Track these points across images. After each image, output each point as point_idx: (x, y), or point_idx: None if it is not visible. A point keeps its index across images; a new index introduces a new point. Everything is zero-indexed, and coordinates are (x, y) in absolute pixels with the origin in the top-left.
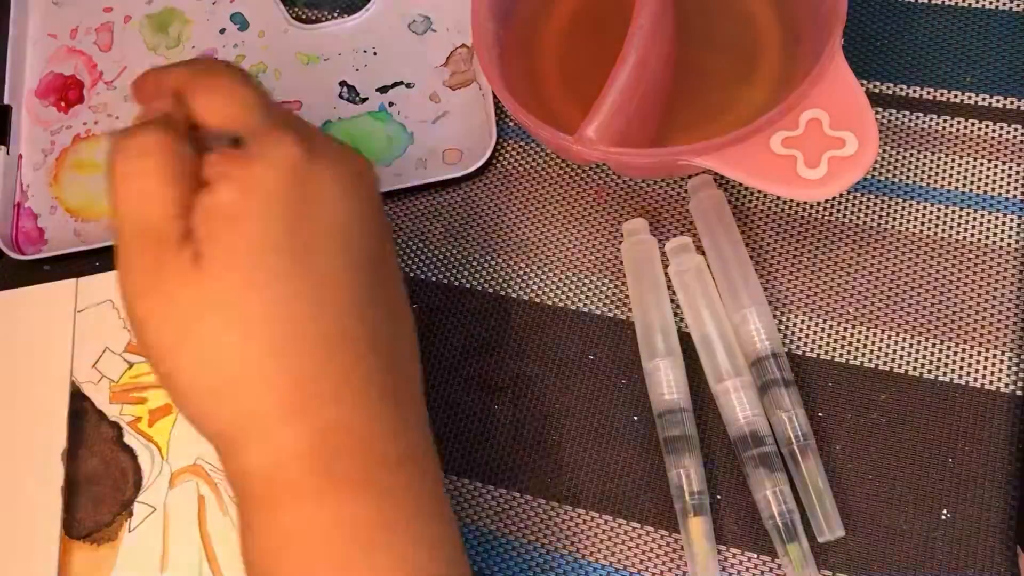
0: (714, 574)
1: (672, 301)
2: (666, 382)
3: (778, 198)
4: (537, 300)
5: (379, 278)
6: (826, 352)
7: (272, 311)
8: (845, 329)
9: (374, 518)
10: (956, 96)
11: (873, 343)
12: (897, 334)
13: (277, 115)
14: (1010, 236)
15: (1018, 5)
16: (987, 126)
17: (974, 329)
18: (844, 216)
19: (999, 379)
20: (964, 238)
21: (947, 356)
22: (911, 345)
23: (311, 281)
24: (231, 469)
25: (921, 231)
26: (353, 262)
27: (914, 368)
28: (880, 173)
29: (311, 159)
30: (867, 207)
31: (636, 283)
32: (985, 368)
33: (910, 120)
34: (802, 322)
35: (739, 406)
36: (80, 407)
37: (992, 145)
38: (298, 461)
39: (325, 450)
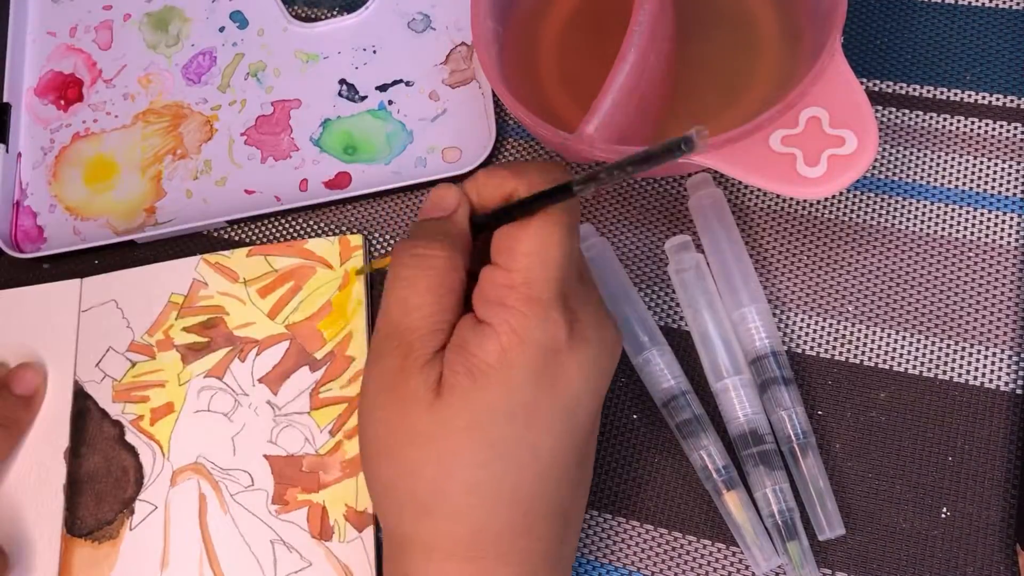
0: (765, 541)
1: (671, 300)
2: (660, 371)
3: (777, 196)
4: None
5: (583, 454)
6: (826, 350)
7: (482, 464)
8: (845, 327)
9: None
10: (956, 94)
11: (873, 341)
12: (897, 332)
13: (567, 282)
14: (1010, 235)
15: (1018, 3)
16: (987, 124)
17: (974, 328)
18: (844, 214)
19: (999, 378)
20: (964, 236)
21: (947, 354)
22: (911, 343)
23: (527, 449)
24: (391, 558)
25: (921, 229)
26: (569, 441)
27: (914, 367)
28: (879, 171)
29: (574, 343)
30: (867, 205)
31: (600, 285)
32: (985, 367)
33: (910, 118)
34: (802, 320)
35: (739, 404)
36: (83, 406)
37: (992, 143)
38: None
39: None
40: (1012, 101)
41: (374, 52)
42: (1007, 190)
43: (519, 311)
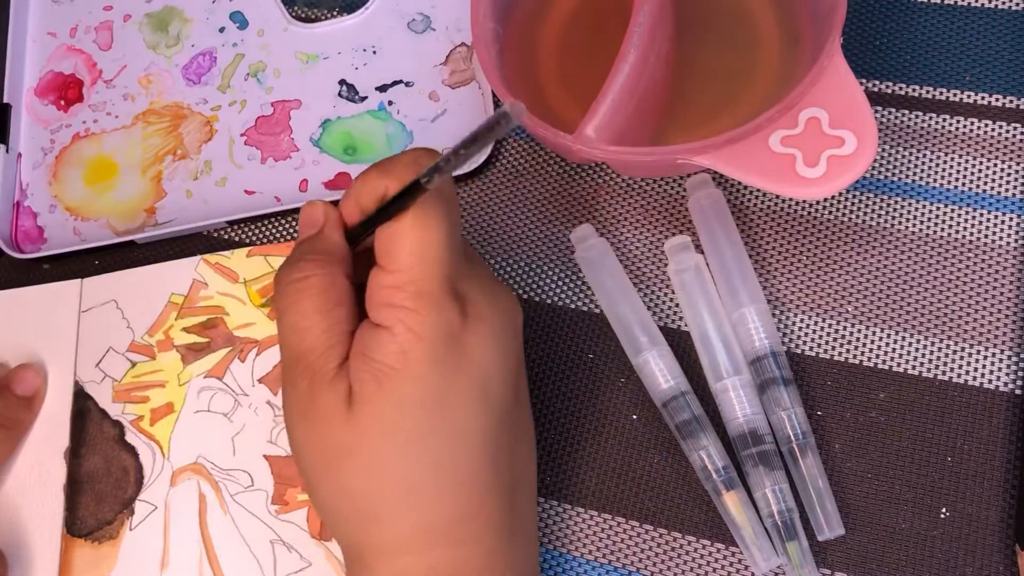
0: (764, 542)
1: (671, 300)
2: (659, 371)
3: (777, 197)
4: (536, 299)
5: (512, 423)
6: (825, 351)
7: (413, 465)
8: (844, 328)
9: None
10: (955, 95)
11: (872, 342)
12: (896, 332)
13: (453, 269)
14: (1010, 235)
15: (1017, 4)
16: (987, 125)
17: (973, 328)
18: (843, 215)
19: (998, 378)
20: (963, 237)
21: (946, 355)
22: (910, 344)
23: (450, 435)
24: (352, 571)
25: (920, 230)
26: (492, 414)
27: (913, 367)
28: (879, 172)
29: (469, 321)
30: (866, 206)
31: (599, 286)
32: (984, 367)
33: (909, 119)
34: (801, 320)
35: (738, 405)
36: (83, 406)
37: (992, 144)
38: None
39: (441, 574)
40: (1012, 101)
41: (374, 52)
42: (1007, 190)
43: (410, 309)
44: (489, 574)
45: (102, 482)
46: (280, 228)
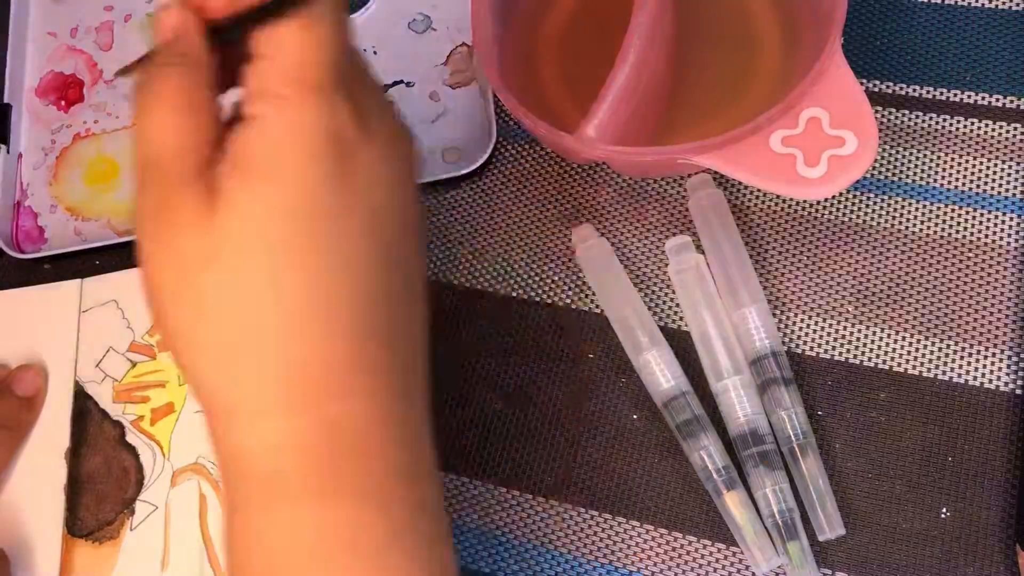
0: (765, 542)
1: (671, 300)
2: (660, 371)
3: (777, 197)
4: (536, 299)
5: (406, 271)
6: (826, 351)
7: (284, 281)
8: (845, 328)
9: (377, 530)
10: (956, 95)
11: (873, 342)
12: (897, 333)
13: (345, 72)
14: (1010, 235)
15: (1018, 4)
16: (987, 125)
17: (974, 328)
18: (843, 215)
19: (998, 378)
20: (964, 237)
21: (947, 355)
22: (911, 344)
23: (333, 260)
24: (221, 447)
25: (921, 230)
26: (382, 251)
27: (913, 367)
28: (879, 172)
29: (364, 135)
30: (866, 206)
31: (600, 286)
32: (985, 367)
33: (909, 119)
34: (802, 321)
35: (739, 405)
36: (83, 406)
37: (992, 144)
38: (298, 455)
39: (331, 449)
40: (1012, 101)
41: (374, 52)
42: (1007, 190)
43: (287, 96)
44: (391, 447)
45: (103, 482)
46: None
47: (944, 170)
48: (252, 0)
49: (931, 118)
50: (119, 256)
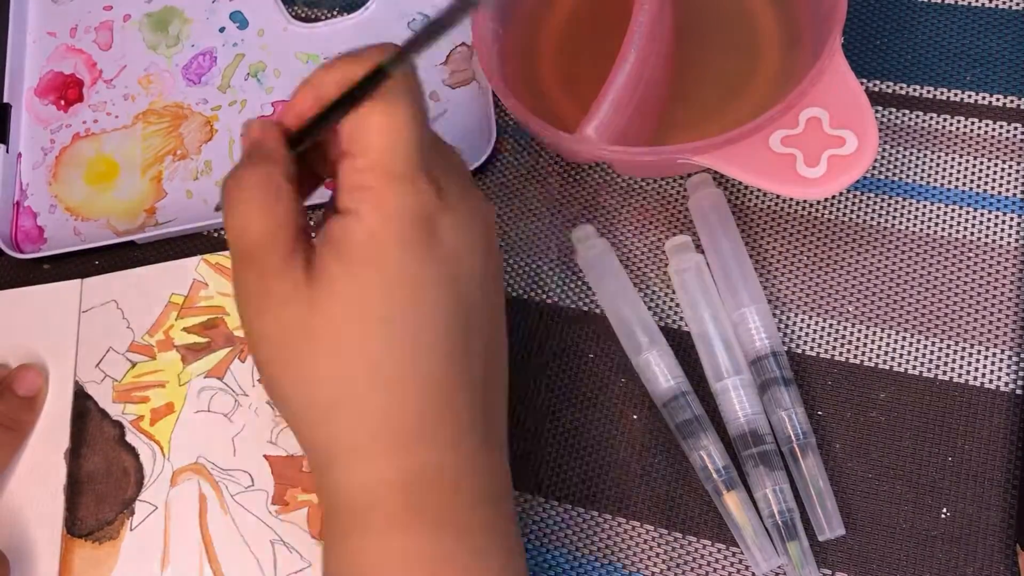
0: (765, 542)
1: (671, 300)
2: (660, 371)
3: (777, 196)
4: (536, 299)
5: (487, 326)
6: (826, 351)
7: (378, 347)
8: (845, 328)
9: (457, 555)
10: (956, 95)
11: (873, 341)
12: (897, 332)
13: (425, 153)
14: (1010, 235)
15: (1017, 4)
16: (987, 125)
17: (974, 328)
18: (844, 215)
19: (999, 378)
20: (964, 237)
21: (947, 355)
22: (911, 344)
23: (421, 327)
24: (322, 483)
25: (921, 230)
26: (465, 313)
27: (914, 367)
28: (880, 172)
29: (446, 209)
30: (867, 206)
31: (600, 286)
32: (985, 367)
33: (910, 119)
34: (802, 320)
35: (739, 405)
36: (83, 406)
37: (992, 144)
38: (388, 491)
39: (417, 487)
40: (1012, 101)
41: None
42: (1007, 190)
43: (380, 190)
44: (468, 482)
45: (102, 482)
46: None
47: (944, 170)
48: (336, 92)
49: (931, 118)
50: (118, 256)
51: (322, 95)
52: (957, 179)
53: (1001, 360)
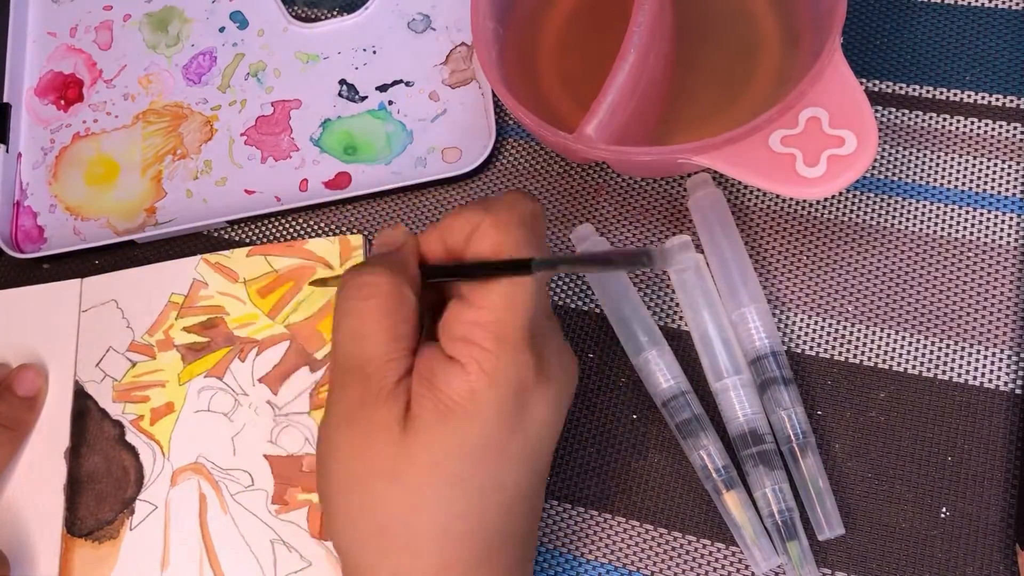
0: (765, 541)
1: (671, 300)
2: (660, 371)
3: (777, 196)
4: None
5: (543, 481)
6: (825, 350)
7: (450, 501)
8: (844, 327)
9: None
10: (956, 94)
11: (873, 341)
12: (897, 332)
13: (535, 327)
14: (1010, 235)
15: (1017, 4)
16: (987, 124)
17: (974, 327)
18: (843, 214)
19: (998, 377)
20: (964, 236)
21: (947, 354)
22: (911, 343)
23: (493, 486)
24: None
25: (920, 229)
26: (533, 476)
27: (913, 366)
28: (879, 171)
29: (542, 381)
30: (866, 205)
31: (600, 286)
32: (985, 366)
33: (909, 118)
34: (801, 320)
35: (738, 404)
36: (83, 406)
37: (992, 143)
38: None
39: None
40: (1012, 101)
41: (374, 52)
42: (1007, 190)
43: (489, 351)
44: None
45: (102, 482)
46: (280, 228)
47: (944, 170)
48: (461, 240)
49: (931, 118)
50: (118, 256)
51: (451, 245)
52: (957, 179)
53: (1001, 360)
